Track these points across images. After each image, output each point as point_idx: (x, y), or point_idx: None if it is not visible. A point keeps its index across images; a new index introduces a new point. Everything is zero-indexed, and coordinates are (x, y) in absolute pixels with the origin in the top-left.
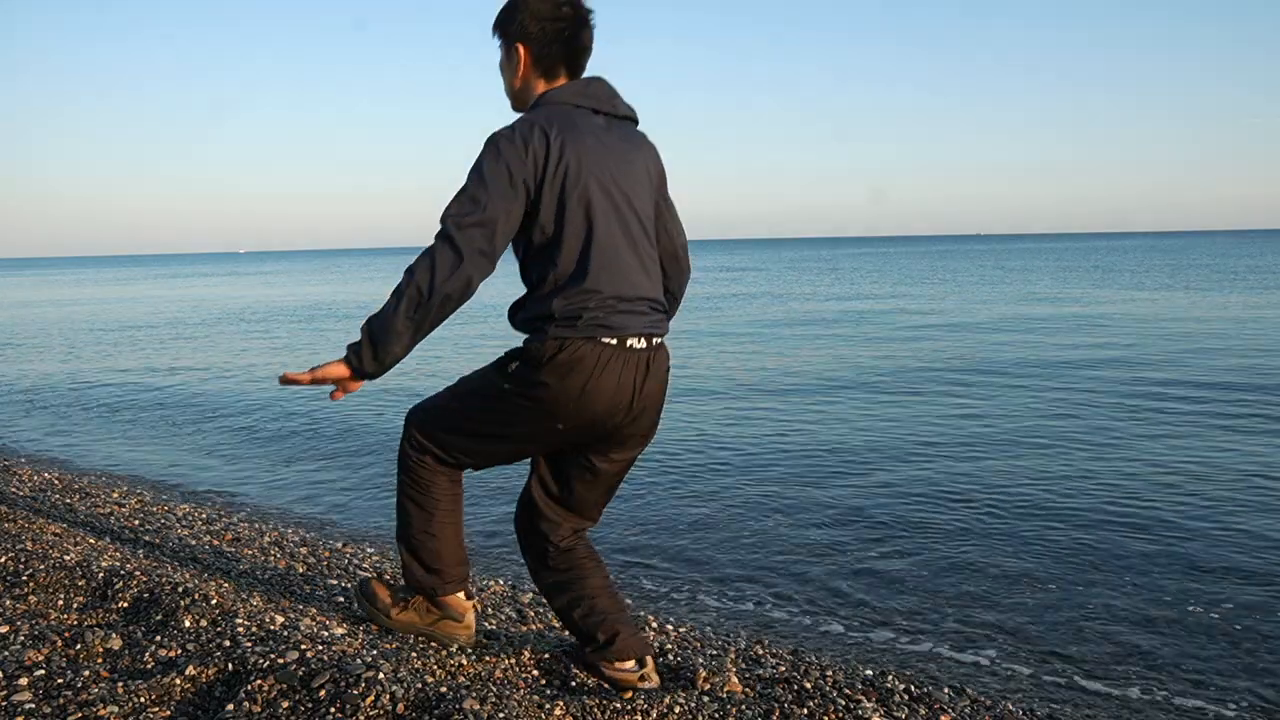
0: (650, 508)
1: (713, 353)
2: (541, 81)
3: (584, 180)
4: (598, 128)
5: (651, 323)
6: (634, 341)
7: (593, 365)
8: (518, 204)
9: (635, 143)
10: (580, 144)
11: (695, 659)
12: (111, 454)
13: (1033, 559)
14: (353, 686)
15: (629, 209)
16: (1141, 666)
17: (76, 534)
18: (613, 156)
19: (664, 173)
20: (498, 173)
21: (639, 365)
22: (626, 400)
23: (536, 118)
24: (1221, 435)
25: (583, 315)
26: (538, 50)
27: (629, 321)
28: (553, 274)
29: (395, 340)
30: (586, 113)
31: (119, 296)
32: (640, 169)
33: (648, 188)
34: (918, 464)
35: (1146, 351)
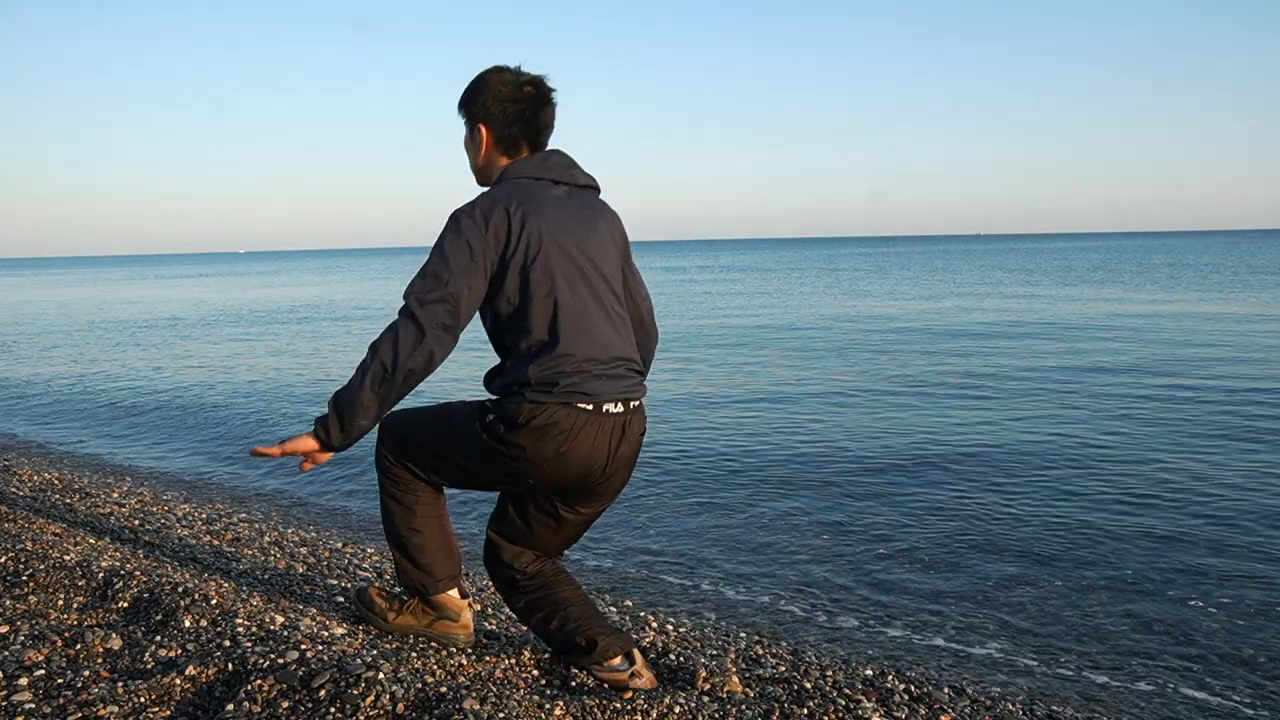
0: (650, 509)
1: (711, 355)
2: (504, 158)
3: (546, 249)
4: (558, 198)
5: (628, 386)
6: (610, 406)
7: (567, 430)
8: (479, 279)
9: (597, 210)
10: (540, 215)
11: (695, 659)
12: (112, 454)
13: (1032, 560)
14: (353, 686)
15: (596, 273)
16: (1142, 666)
17: (76, 534)
18: (575, 223)
19: (627, 239)
20: (459, 249)
21: (614, 430)
22: (601, 464)
23: (497, 194)
24: (1221, 434)
25: (559, 381)
26: (499, 130)
27: (605, 386)
28: (525, 341)
29: (361, 414)
30: (546, 184)
31: (118, 296)
32: (604, 235)
33: (613, 252)
34: (918, 465)
35: (1147, 352)
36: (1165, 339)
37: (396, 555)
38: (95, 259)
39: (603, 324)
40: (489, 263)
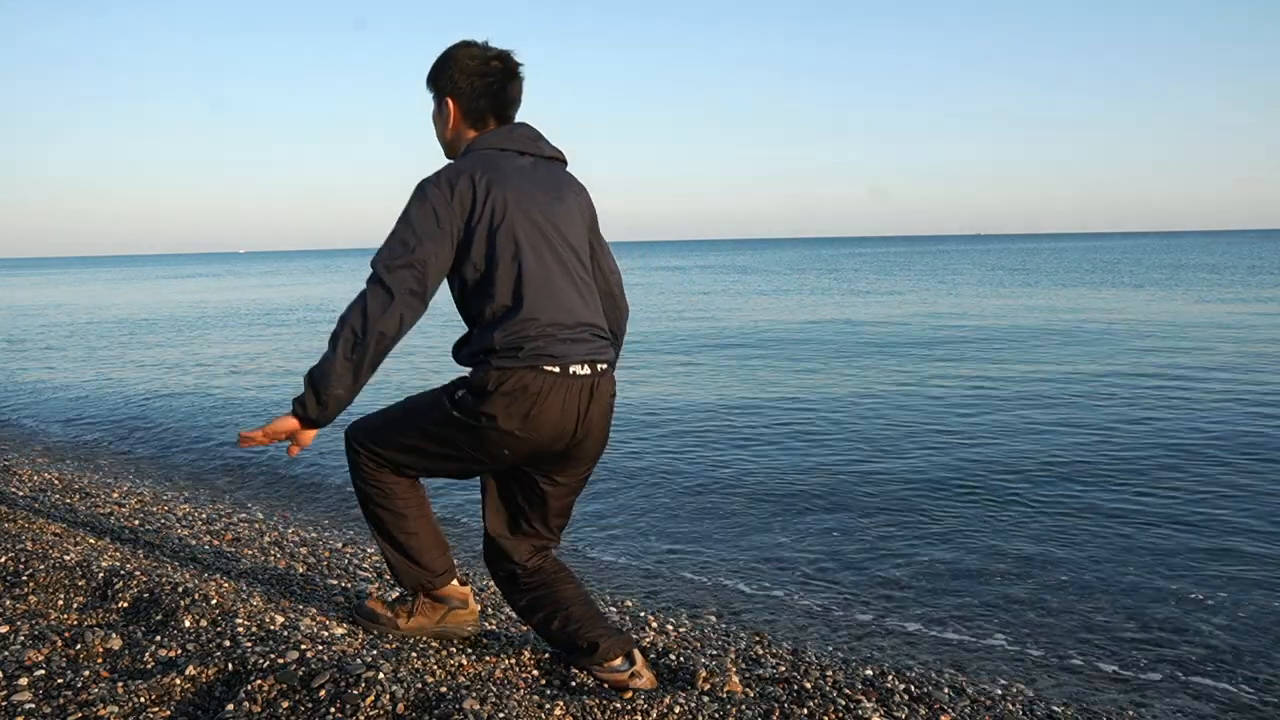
0: (650, 509)
1: (711, 355)
2: (471, 131)
3: (511, 216)
4: (523, 168)
5: (594, 349)
6: (577, 368)
7: (536, 393)
8: (445, 246)
9: (563, 181)
10: (505, 183)
11: (695, 659)
12: (112, 454)
13: (1033, 560)
14: (353, 686)
15: (561, 240)
16: (1143, 667)
17: (76, 534)
18: (540, 193)
19: (594, 210)
20: (425, 216)
21: (582, 392)
22: (571, 426)
23: (463, 164)
24: (1224, 434)
25: (524, 346)
26: (466, 104)
27: (571, 349)
28: (490, 308)
29: (336, 382)
30: (512, 155)
31: (118, 296)
32: (571, 205)
33: (579, 222)
34: (918, 466)
35: (1145, 347)
36: (1165, 337)
37: (395, 559)
38: (94, 259)
39: (568, 290)
40: (455, 229)
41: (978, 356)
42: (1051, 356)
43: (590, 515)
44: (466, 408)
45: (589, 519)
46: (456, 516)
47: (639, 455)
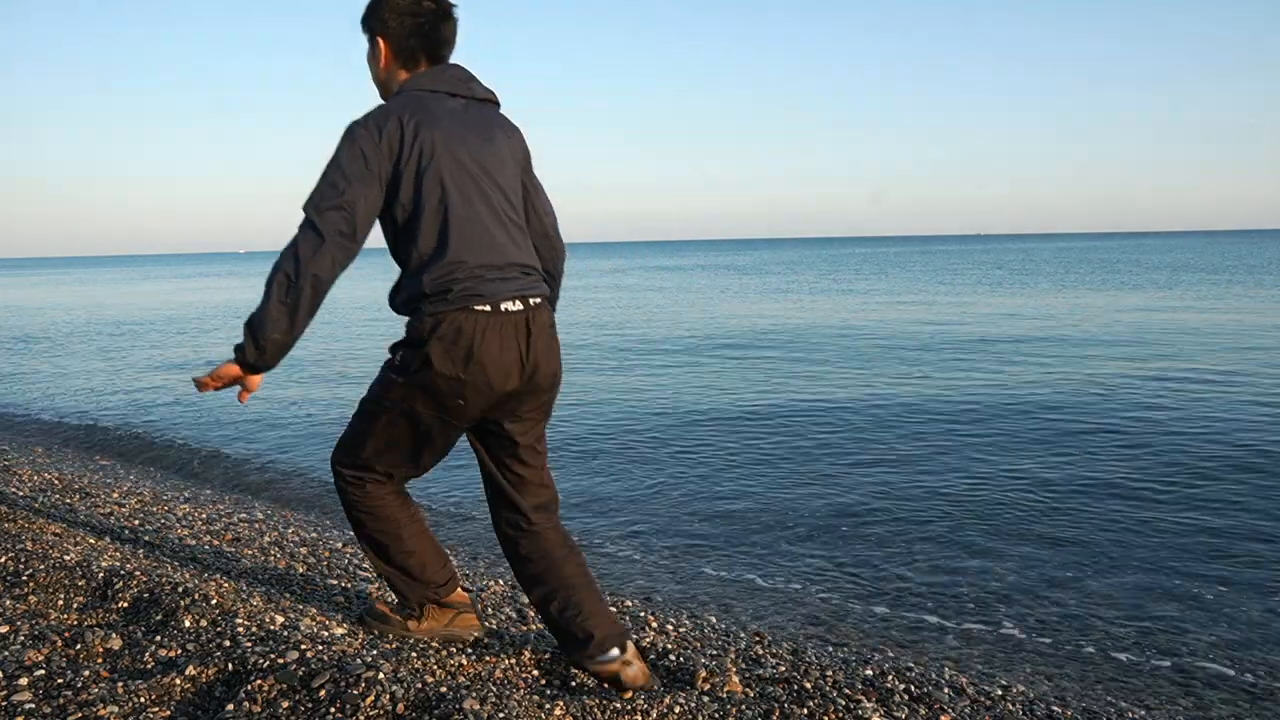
0: (649, 509)
1: (711, 355)
2: (403, 71)
3: (438, 158)
4: (454, 110)
5: (524, 285)
6: (508, 305)
7: (471, 334)
8: (374, 188)
9: (494, 123)
10: (434, 125)
11: (695, 659)
12: (112, 454)
13: (1033, 560)
14: (353, 686)
15: (490, 183)
16: (1143, 668)
17: (76, 534)
18: (470, 134)
19: (528, 152)
20: (354, 158)
21: (518, 327)
22: (516, 361)
23: (392, 105)
24: (1228, 436)
25: (453, 288)
26: (398, 44)
27: (500, 288)
28: (417, 251)
29: (272, 326)
30: (443, 96)
31: (118, 296)
32: (501, 146)
33: (510, 164)
34: (917, 467)
35: (1143, 344)
36: (1163, 335)
37: (398, 580)
38: (94, 259)
39: (496, 232)
40: (383, 171)
41: (978, 355)
42: (1054, 355)
43: (590, 515)
44: (409, 366)
45: (588, 519)
46: (456, 516)
47: (639, 455)
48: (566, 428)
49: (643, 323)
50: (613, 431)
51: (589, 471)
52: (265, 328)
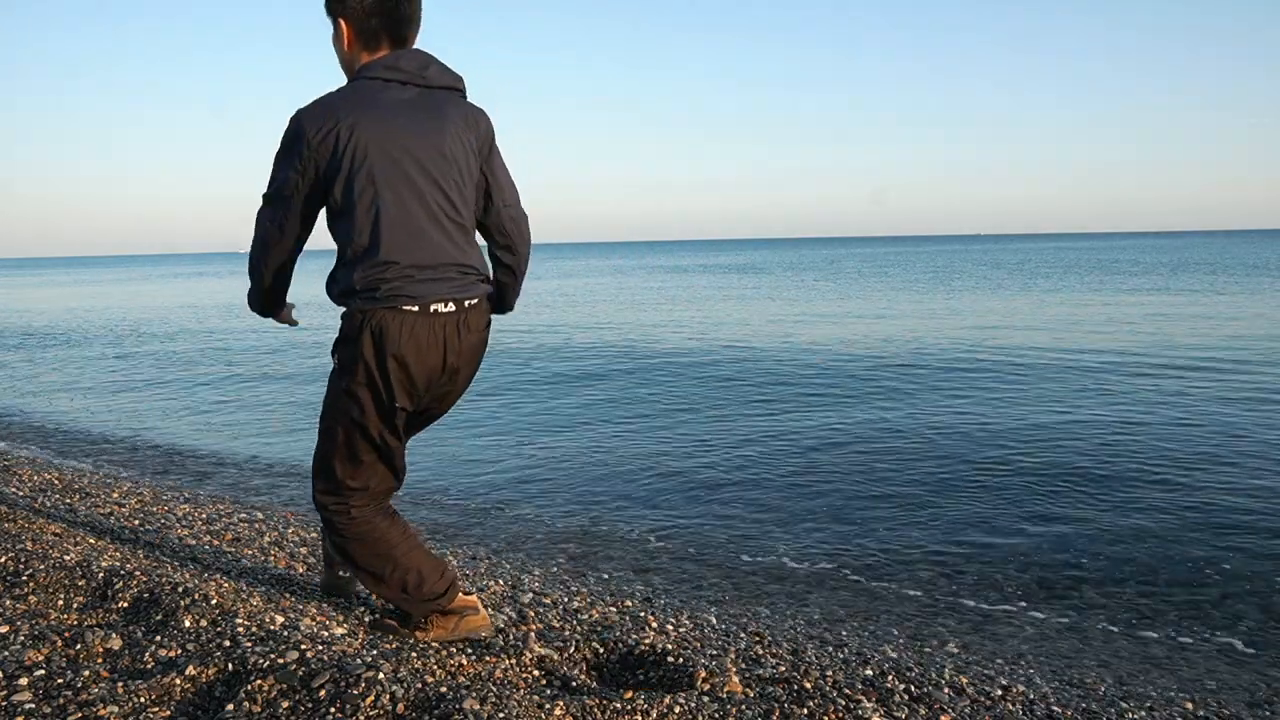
0: (648, 509)
1: (723, 355)
2: (365, 54)
3: (372, 158)
4: (402, 102)
5: (459, 287)
6: (439, 306)
7: (398, 333)
8: (304, 176)
9: (445, 114)
10: (373, 122)
11: (695, 659)
12: (112, 454)
13: (1032, 560)
14: (353, 686)
15: (429, 181)
16: (1143, 668)
17: (76, 534)
18: (413, 129)
19: (490, 140)
20: (289, 147)
21: (447, 326)
22: (438, 362)
23: (335, 99)
24: (1230, 435)
25: (380, 287)
26: (359, 24)
27: (431, 289)
28: (350, 246)
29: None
30: (395, 86)
31: (119, 296)
32: (450, 139)
33: (462, 158)
34: (917, 466)
35: (1143, 344)
36: (1167, 331)
37: (400, 600)
38: (95, 259)
39: (431, 232)
40: (315, 165)
41: (977, 350)
42: (1056, 355)
43: (590, 515)
44: (345, 365)
45: (588, 517)
46: (455, 518)
47: (639, 454)
48: (568, 426)
49: (646, 324)
50: (613, 430)
51: (587, 472)
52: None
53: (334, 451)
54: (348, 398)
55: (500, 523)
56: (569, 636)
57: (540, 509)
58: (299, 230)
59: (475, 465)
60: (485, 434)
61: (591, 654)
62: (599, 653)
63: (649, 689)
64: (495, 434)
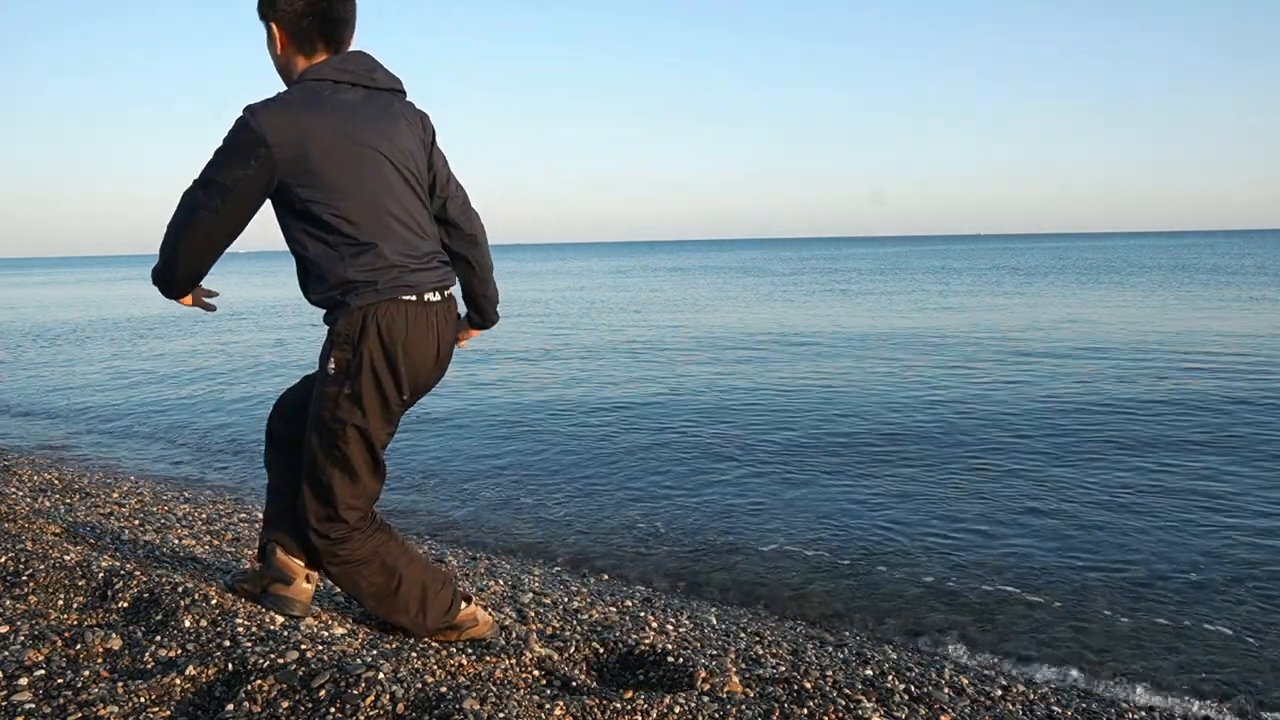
0: (648, 509)
1: (723, 354)
2: (301, 58)
3: (343, 155)
4: (350, 102)
5: (440, 276)
6: (430, 296)
7: (403, 325)
8: (259, 174)
9: (395, 112)
10: (337, 121)
11: (695, 659)
12: (112, 454)
13: (1032, 560)
14: (353, 686)
15: (397, 175)
16: (1142, 669)
17: (76, 534)
18: (374, 127)
19: (433, 138)
20: (235, 145)
21: (438, 317)
22: (434, 352)
23: (288, 96)
24: (1232, 436)
25: (379, 280)
26: (291, 27)
27: (422, 278)
28: (329, 241)
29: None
30: (343, 87)
31: (120, 296)
32: (404, 136)
33: (418, 153)
34: (917, 465)
35: (1143, 348)
36: (1165, 335)
37: (409, 623)
38: (96, 259)
39: (410, 222)
40: (276, 168)
41: (976, 349)
42: (1058, 358)
43: (590, 514)
44: (345, 370)
45: (588, 517)
46: (454, 520)
47: (639, 454)
48: (569, 425)
49: (647, 324)
50: (614, 430)
51: (587, 471)
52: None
53: (333, 473)
54: (349, 402)
55: (500, 522)
56: (569, 636)
57: (540, 508)
58: (235, 222)
59: (475, 465)
60: (485, 433)
61: (591, 654)
62: (599, 653)
63: (649, 689)
64: (495, 433)
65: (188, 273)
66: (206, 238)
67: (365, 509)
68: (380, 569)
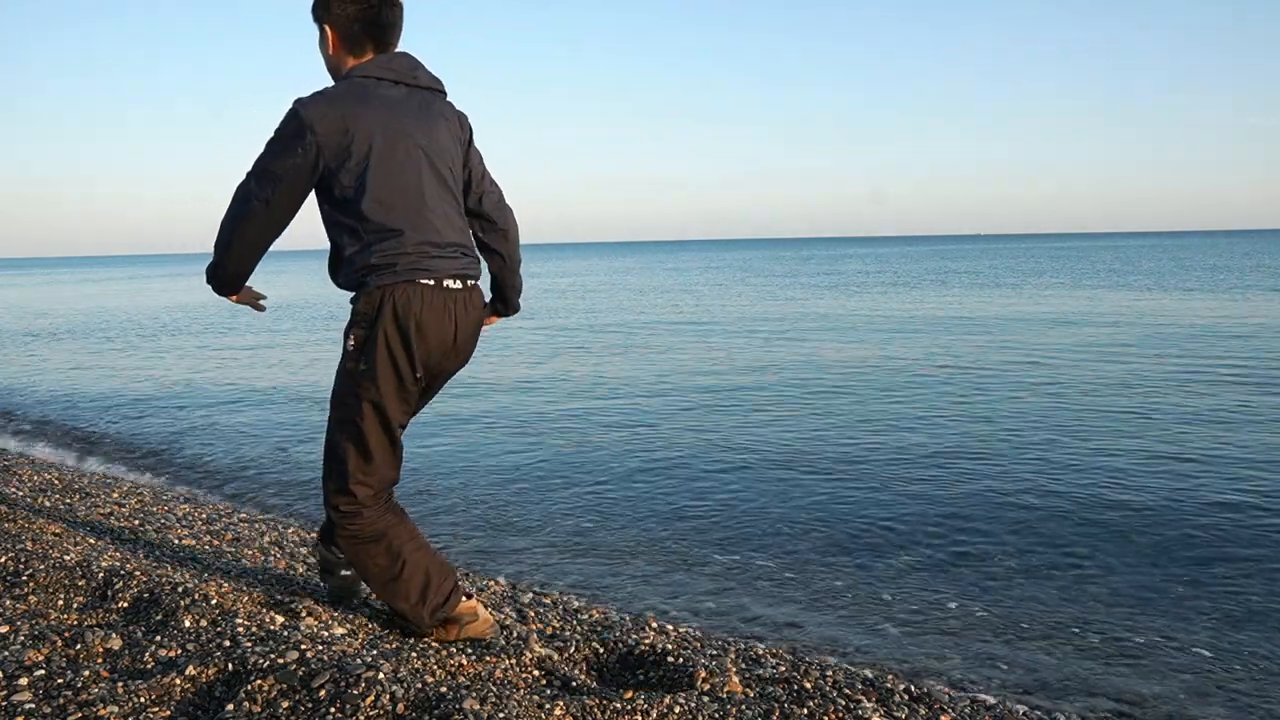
0: (649, 508)
1: (724, 353)
2: (350, 58)
3: (380, 145)
4: (393, 98)
5: (463, 266)
6: (450, 283)
7: (418, 305)
8: (306, 162)
9: (435, 110)
10: (377, 114)
11: (695, 659)
12: (112, 454)
13: (1032, 560)
14: (353, 686)
15: (429, 166)
16: (1142, 669)
17: (76, 534)
18: (411, 119)
19: (470, 136)
20: (285, 134)
21: (456, 303)
22: (451, 336)
23: (335, 90)
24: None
25: (398, 263)
26: (343, 30)
27: (442, 265)
28: (364, 228)
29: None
30: (387, 84)
31: (121, 296)
32: (442, 132)
33: (453, 149)
34: (916, 465)
35: (1142, 345)
36: (1167, 333)
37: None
38: (97, 259)
39: (437, 212)
40: (311, 152)
41: (974, 350)
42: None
43: (590, 514)
44: (363, 347)
45: (589, 516)
46: (455, 519)
47: (640, 454)
48: (568, 425)
49: (648, 324)
50: (614, 430)
51: (588, 471)
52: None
53: (348, 448)
54: (366, 379)
55: (500, 522)
56: (569, 636)
57: (540, 508)
58: (284, 211)
59: (475, 465)
60: (485, 433)
61: (591, 654)
62: (599, 653)
63: (649, 689)
64: (495, 433)
65: (240, 267)
66: (259, 228)
67: (377, 488)
68: (385, 551)
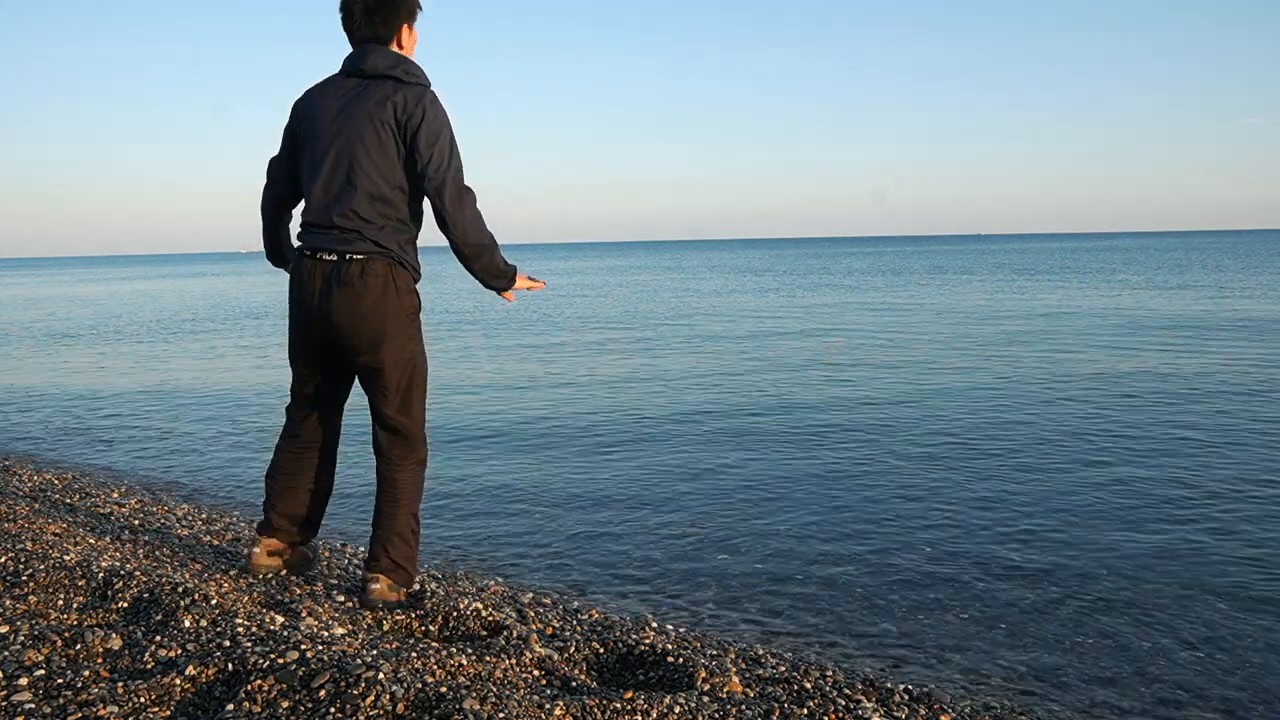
0: (649, 508)
1: (726, 354)
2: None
3: (308, 129)
4: (342, 88)
5: (345, 239)
6: (325, 255)
7: (299, 273)
8: (288, 139)
9: (372, 95)
10: (313, 101)
11: (695, 659)
12: (112, 454)
13: (1031, 560)
14: (353, 686)
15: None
16: (1142, 669)
17: (76, 534)
18: (344, 107)
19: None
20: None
21: (325, 274)
22: (317, 306)
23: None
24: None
25: (300, 233)
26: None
27: (322, 240)
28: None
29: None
30: (340, 75)
31: (122, 296)
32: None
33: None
34: (916, 466)
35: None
36: (1162, 335)
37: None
38: (98, 258)
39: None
40: (293, 134)
41: (974, 351)
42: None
43: (590, 514)
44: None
45: (589, 517)
46: (455, 518)
47: (640, 453)
48: (567, 425)
49: (649, 324)
50: (613, 428)
51: (588, 471)
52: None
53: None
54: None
55: (501, 522)
56: (569, 636)
57: (540, 508)
58: (281, 178)
59: (475, 465)
60: (486, 432)
61: (591, 654)
62: (599, 653)
63: (649, 689)
64: (495, 432)
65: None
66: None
67: (290, 416)
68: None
